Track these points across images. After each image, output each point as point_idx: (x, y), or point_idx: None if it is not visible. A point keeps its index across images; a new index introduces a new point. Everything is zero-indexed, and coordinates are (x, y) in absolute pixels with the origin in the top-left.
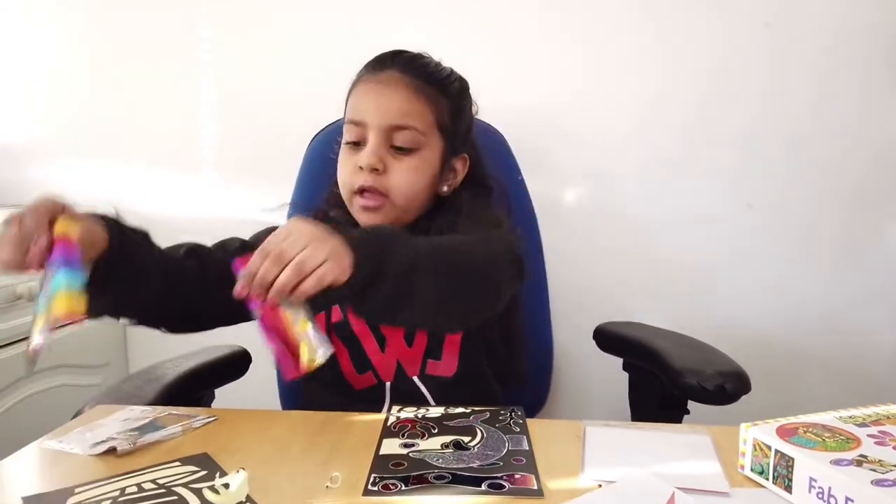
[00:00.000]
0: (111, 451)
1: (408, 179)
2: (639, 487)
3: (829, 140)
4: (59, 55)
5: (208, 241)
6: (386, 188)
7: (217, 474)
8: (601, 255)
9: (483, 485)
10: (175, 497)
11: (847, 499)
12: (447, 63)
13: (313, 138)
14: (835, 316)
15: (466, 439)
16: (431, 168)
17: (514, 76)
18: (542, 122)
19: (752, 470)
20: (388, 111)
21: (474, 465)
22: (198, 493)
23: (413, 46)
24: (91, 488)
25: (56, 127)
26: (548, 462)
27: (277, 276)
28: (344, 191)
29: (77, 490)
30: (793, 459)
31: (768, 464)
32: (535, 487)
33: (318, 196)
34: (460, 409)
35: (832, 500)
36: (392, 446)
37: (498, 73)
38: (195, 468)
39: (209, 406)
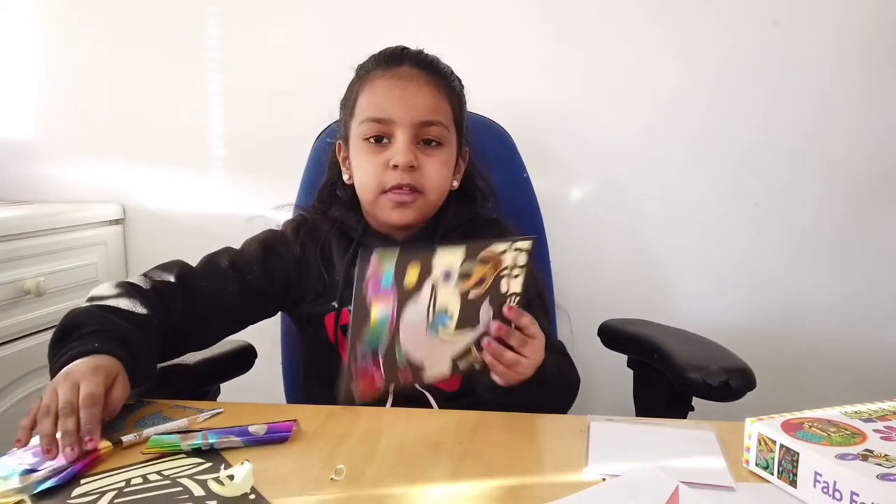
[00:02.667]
0: (117, 442)
1: (440, 174)
2: (643, 482)
3: (837, 138)
4: (67, 53)
5: (213, 238)
6: (421, 184)
7: (222, 466)
8: (606, 252)
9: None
10: (180, 488)
11: (853, 493)
12: (453, 64)
13: (318, 136)
14: (840, 313)
15: (450, 324)
16: (453, 162)
17: (522, 74)
18: (549, 121)
19: (756, 465)
20: (417, 107)
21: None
22: (203, 484)
23: (420, 44)
24: (97, 479)
25: (64, 124)
26: (552, 456)
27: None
28: (368, 190)
29: (82, 481)
30: (798, 454)
31: (773, 459)
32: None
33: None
34: (510, 305)
35: (837, 494)
36: (444, 260)
37: (505, 70)
38: (200, 460)
39: (214, 401)
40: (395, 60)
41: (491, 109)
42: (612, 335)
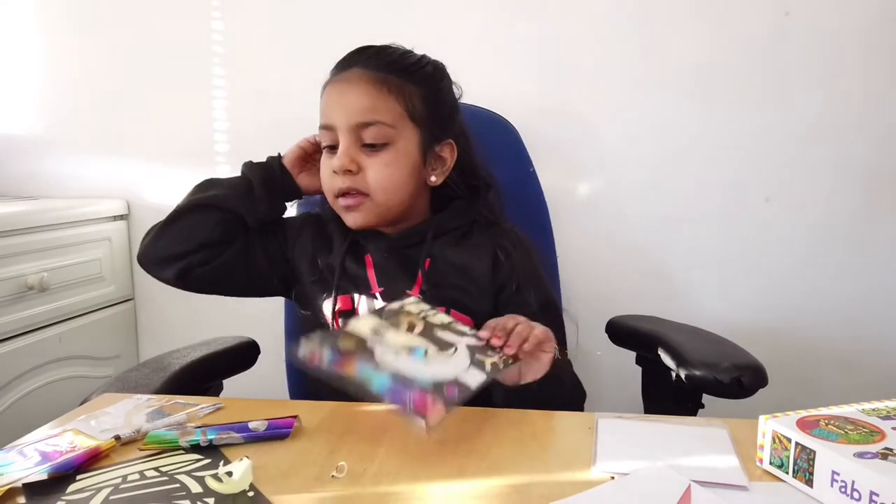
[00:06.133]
0: (115, 438)
1: (384, 175)
2: (653, 480)
3: (850, 132)
4: (71, 49)
5: None
6: (364, 187)
7: (221, 462)
8: (614, 248)
9: (385, 395)
10: (177, 485)
11: (872, 493)
12: (459, 57)
13: None
14: (852, 309)
15: (429, 350)
16: (409, 159)
17: (528, 68)
18: (556, 115)
19: (771, 463)
20: (352, 109)
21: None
22: (201, 481)
23: (423, 41)
24: (93, 475)
25: (68, 120)
26: (559, 454)
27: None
28: (327, 195)
29: (79, 477)
30: (814, 452)
31: (788, 457)
32: (423, 416)
33: None
34: (465, 328)
35: (856, 494)
36: (364, 325)
37: (511, 64)
38: (199, 456)
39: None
40: (345, 64)
41: (497, 104)
42: (621, 331)
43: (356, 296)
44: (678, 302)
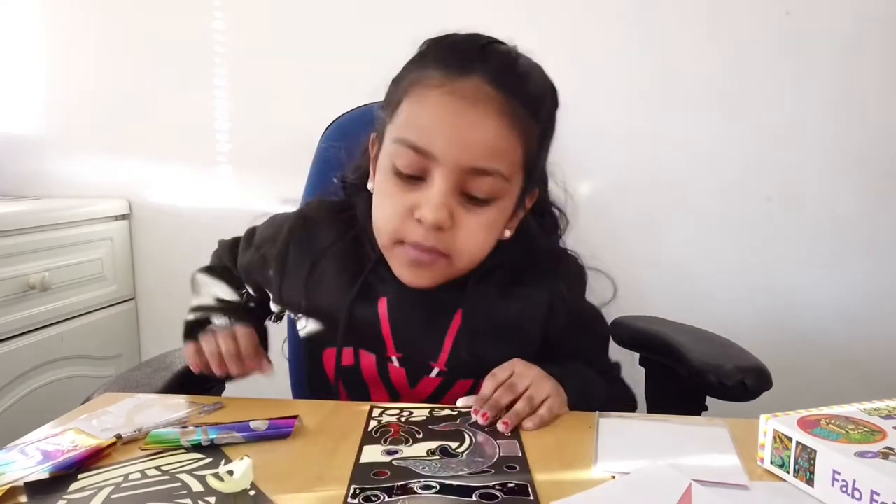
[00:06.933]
0: (116, 437)
1: (479, 239)
2: (654, 479)
3: (851, 131)
4: (74, 49)
5: (219, 234)
6: (448, 247)
7: (222, 462)
8: (616, 249)
9: (474, 495)
10: (178, 484)
11: (873, 492)
12: None
13: (325, 130)
14: (853, 308)
15: (454, 445)
16: (505, 218)
17: None
18: (558, 115)
19: (772, 463)
20: (473, 147)
21: (463, 472)
22: (202, 480)
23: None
24: (94, 474)
25: (70, 120)
26: (560, 452)
27: (511, 402)
28: (383, 233)
29: (80, 476)
30: (815, 452)
31: (789, 456)
32: (531, 497)
33: (329, 189)
34: (447, 411)
35: (857, 493)
36: (374, 454)
37: None
38: (200, 455)
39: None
40: (464, 65)
41: None
42: (624, 333)
43: (362, 352)
44: (681, 302)
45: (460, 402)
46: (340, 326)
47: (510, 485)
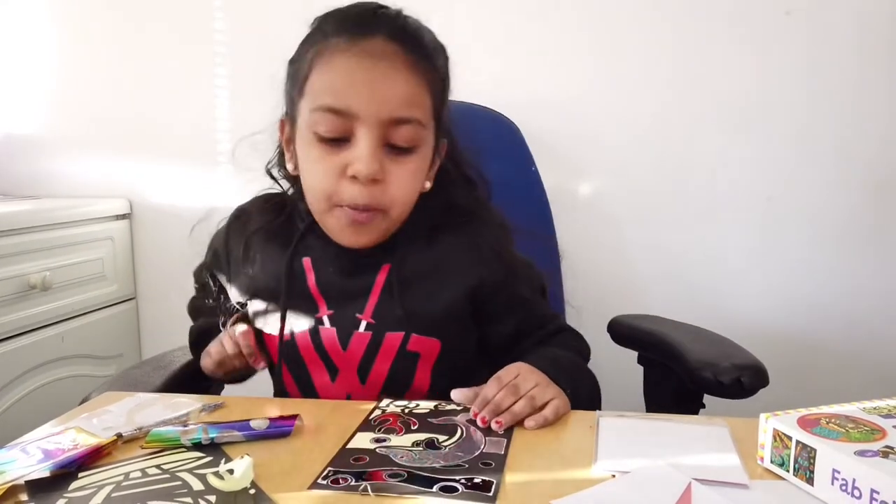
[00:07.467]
0: (117, 436)
1: (409, 187)
2: (654, 478)
3: (851, 131)
4: (75, 49)
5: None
6: (383, 202)
7: (222, 460)
8: (616, 248)
9: (435, 487)
10: (179, 482)
11: (872, 491)
12: (461, 55)
13: None
14: (853, 308)
15: (442, 438)
16: (426, 166)
17: (531, 67)
18: (559, 115)
19: (772, 462)
20: (389, 99)
21: (437, 465)
22: (202, 478)
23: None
24: (95, 473)
25: (71, 119)
26: (560, 452)
27: (512, 404)
28: (317, 199)
29: (81, 474)
30: (815, 451)
31: (789, 455)
32: (490, 494)
33: None
34: (452, 406)
35: (857, 492)
36: (363, 440)
37: (514, 64)
38: (200, 454)
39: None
40: (364, 28)
41: (500, 103)
42: (622, 331)
43: (294, 320)
44: (680, 301)
45: (454, 395)
46: (283, 288)
47: (476, 480)
